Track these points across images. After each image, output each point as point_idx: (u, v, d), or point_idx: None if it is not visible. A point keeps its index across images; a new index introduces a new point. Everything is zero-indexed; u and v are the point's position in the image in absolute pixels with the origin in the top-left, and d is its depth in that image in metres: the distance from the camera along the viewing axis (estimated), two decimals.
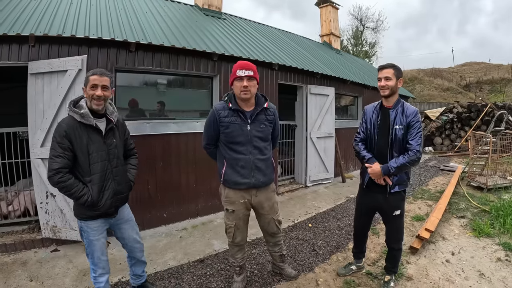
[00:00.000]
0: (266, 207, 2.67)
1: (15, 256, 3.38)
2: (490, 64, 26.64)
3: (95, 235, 2.22)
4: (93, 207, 2.14)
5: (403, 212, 2.69)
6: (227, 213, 2.64)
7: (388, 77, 2.50)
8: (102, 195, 2.16)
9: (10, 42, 3.44)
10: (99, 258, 2.25)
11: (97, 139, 2.17)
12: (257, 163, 2.51)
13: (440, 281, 2.94)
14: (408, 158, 2.43)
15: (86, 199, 2.10)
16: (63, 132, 2.07)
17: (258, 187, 2.58)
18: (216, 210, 4.98)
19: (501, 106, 11.91)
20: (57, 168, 2.04)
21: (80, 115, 2.10)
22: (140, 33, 4.34)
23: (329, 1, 11.27)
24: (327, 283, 2.96)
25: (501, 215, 4.31)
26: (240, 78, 2.40)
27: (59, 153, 2.06)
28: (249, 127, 2.48)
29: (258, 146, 2.52)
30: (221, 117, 2.47)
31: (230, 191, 2.58)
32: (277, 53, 6.46)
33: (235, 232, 2.65)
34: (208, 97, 5.14)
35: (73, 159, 2.11)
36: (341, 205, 5.45)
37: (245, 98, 2.44)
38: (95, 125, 2.14)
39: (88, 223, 2.20)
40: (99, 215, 2.19)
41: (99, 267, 2.27)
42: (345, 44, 26.07)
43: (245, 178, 2.50)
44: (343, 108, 8.87)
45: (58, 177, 2.05)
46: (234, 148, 2.49)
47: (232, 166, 2.51)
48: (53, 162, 2.06)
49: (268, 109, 2.59)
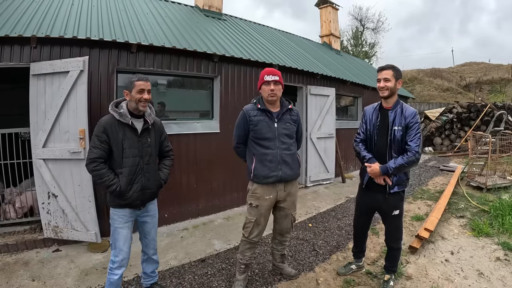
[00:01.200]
0: (288, 201, 2.78)
1: (17, 256, 3.40)
2: (490, 64, 26.67)
3: (120, 223, 2.40)
4: (120, 196, 2.33)
5: (402, 212, 2.71)
6: (250, 207, 2.73)
7: (387, 78, 2.53)
8: (130, 187, 2.35)
9: (12, 43, 3.47)
10: (120, 248, 2.39)
11: (132, 136, 2.38)
12: (284, 157, 2.65)
13: (439, 280, 2.96)
14: (406, 159, 2.45)
15: (115, 188, 2.29)
16: (102, 127, 2.31)
17: (285, 181, 2.70)
18: (217, 210, 5.00)
19: (501, 106, 11.93)
20: (93, 157, 2.28)
21: (119, 114, 2.34)
22: (141, 34, 4.36)
23: (329, 2, 11.30)
24: (327, 282, 2.98)
25: (500, 215, 4.33)
26: (267, 82, 2.64)
27: (96, 145, 2.29)
28: (276, 125, 2.68)
29: (285, 142, 2.69)
30: (250, 117, 2.67)
31: (259, 187, 2.68)
32: (277, 54, 6.48)
33: (254, 228, 2.73)
34: (209, 98, 5.16)
35: (109, 152, 2.33)
36: (341, 205, 5.47)
37: (272, 100, 2.67)
38: (131, 123, 2.36)
39: (116, 210, 2.39)
40: (127, 205, 2.38)
41: (119, 257, 2.39)
42: (345, 45, 26.10)
43: (273, 171, 2.63)
44: (343, 108, 8.90)
45: (93, 166, 2.28)
46: (262, 144, 2.65)
47: (261, 161, 2.64)
48: (91, 152, 2.30)
49: (292, 110, 2.82)
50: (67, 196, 3.55)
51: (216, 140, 4.95)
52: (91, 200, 3.53)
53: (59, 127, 3.51)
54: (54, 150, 3.50)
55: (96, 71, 3.85)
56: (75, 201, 3.55)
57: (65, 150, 3.47)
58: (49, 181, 3.53)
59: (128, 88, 2.37)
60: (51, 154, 3.51)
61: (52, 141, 3.53)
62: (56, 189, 3.53)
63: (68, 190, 3.55)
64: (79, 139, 3.45)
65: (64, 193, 3.54)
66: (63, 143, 3.51)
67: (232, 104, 5.13)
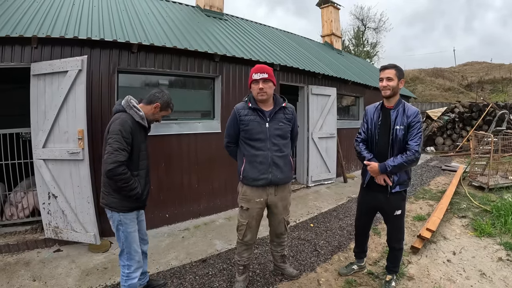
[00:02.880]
0: (280, 206, 2.71)
1: (18, 256, 3.40)
2: (491, 64, 26.58)
3: (133, 227, 2.34)
4: (139, 199, 2.31)
5: (404, 212, 2.70)
6: (241, 210, 2.69)
7: (389, 77, 2.51)
8: (144, 188, 2.39)
9: (13, 43, 3.47)
10: (135, 250, 2.34)
11: (144, 139, 2.43)
12: (275, 159, 2.56)
13: (441, 281, 2.94)
14: (406, 158, 2.44)
15: (138, 191, 2.25)
16: (129, 128, 2.21)
17: (275, 185, 2.62)
18: (218, 211, 4.99)
19: (503, 106, 11.89)
20: (122, 160, 2.14)
21: (140, 116, 2.32)
22: (142, 34, 4.36)
23: (330, 1, 11.28)
24: (329, 282, 2.97)
25: (502, 215, 4.31)
26: (256, 81, 2.53)
27: (124, 147, 2.17)
28: (268, 125, 2.57)
29: (276, 143, 2.58)
30: (241, 116, 2.59)
31: (248, 189, 2.62)
32: (279, 54, 6.47)
33: (246, 230, 2.68)
34: (210, 98, 5.15)
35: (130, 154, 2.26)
36: (343, 205, 5.46)
37: (261, 99, 2.55)
38: (147, 127, 2.43)
39: (127, 215, 2.30)
40: (137, 207, 2.37)
41: (135, 260, 2.33)
42: (346, 44, 26.08)
43: (263, 174, 2.54)
44: (344, 108, 8.88)
45: (121, 169, 2.13)
46: (253, 145, 2.56)
47: (251, 162, 2.56)
48: (119, 155, 2.13)
49: (286, 108, 2.67)
50: (66, 196, 3.54)
51: (217, 140, 4.93)
52: (90, 202, 3.52)
53: (58, 127, 3.50)
54: (54, 150, 3.49)
55: (97, 71, 3.85)
56: (74, 202, 3.55)
57: (65, 151, 3.46)
58: (49, 181, 3.52)
59: (164, 106, 2.46)
60: (51, 154, 3.50)
61: (52, 142, 3.53)
62: (56, 189, 3.53)
63: (68, 190, 3.54)
64: (78, 140, 3.44)
65: (63, 193, 3.54)
66: (62, 143, 3.50)
67: (233, 104, 5.02)
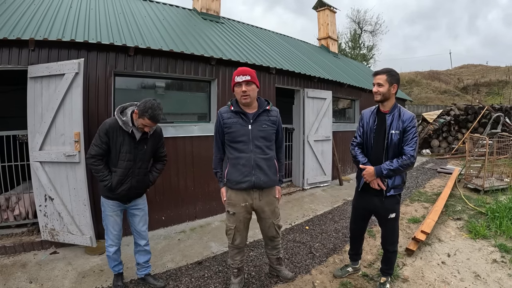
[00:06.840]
0: (267, 211, 2.70)
1: (15, 258, 3.40)
2: (487, 66, 26.83)
3: (109, 211, 2.72)
4: (110, 191, 2.63)
5: (398, 215, 2.72)
6: (228, 215, 2.69)
7: (379, 83, 2.54)
8: (120, 186, 2.62)
9: (10, 46, 3.48)
10: (110, 231, 2.75)
11: (130, 142, 2.62)
12: (258, 162, 2.55)
13: (435, 283, 2.97)
14: (401, 162, 2.46)
15: (106, 184, 2.59)
16: (105, 130, 2.57)
17: (259, 188, 2.60)
18: (214, 213, 5.00)
19: (498, 108, 12.00)
20: (93, 154, 2.58)
21: (122, 122, 2.58)
22: (139, 37, 4.38)
23: (326, 4, 11.36)
24: (324, 284, 2.98)
25: (497, 217, 4.35)
26: (238, 83, 2.50)
27: (98, 144, 2.58)
28: (251, 126, 2.56)
29: (259, 145, 2.57)
30: (224, 119, 2.59)
31: (232, 193, 2.62)
32: (275, 57, 6.51)
33: (235, 234, 2.69)
34: (206, 101, 5.17)
35: (107, 151, 2.62)
36: (338, 207, 5.48)
37: (245, 102, 2.53)
38: (131, 132, 2.60)
39: (106, 201, 2.71)
40: (114, 199, 2.69)
41: (109, 238, 2.76)
42: (343, 47, 26.19)
43: (246, 176, 2.53)
44: (340, 111, 8.93)
45: (91, 161, 2.59)
46: (236, 147, 2.57)
47: (234, 165, 2.56)
48: (92, 149, 2.59)
49: (270, 111, 2.66)
50: (63, 199, 3.54)
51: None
52: (86, 204, 3.52)
53: (55, 130, 3.51)
54: (50, 153, 3.50)
55: (93, 74, 3.86)
56: (70, 204, 3.55)
57: (61, 153, 3.47)
58: (46, 183, 3.52)
59: (140, 114, 2.52)
60: (47, 156, 3.50)
61: (49, 144, 3.53)
62: (53, 192, 3.53)
63: (64, 193, 3.54)
64: (74, 142, 3.44)
65: (60, 196, 3.54)
66: (59, 146, 3.51)
67: None
